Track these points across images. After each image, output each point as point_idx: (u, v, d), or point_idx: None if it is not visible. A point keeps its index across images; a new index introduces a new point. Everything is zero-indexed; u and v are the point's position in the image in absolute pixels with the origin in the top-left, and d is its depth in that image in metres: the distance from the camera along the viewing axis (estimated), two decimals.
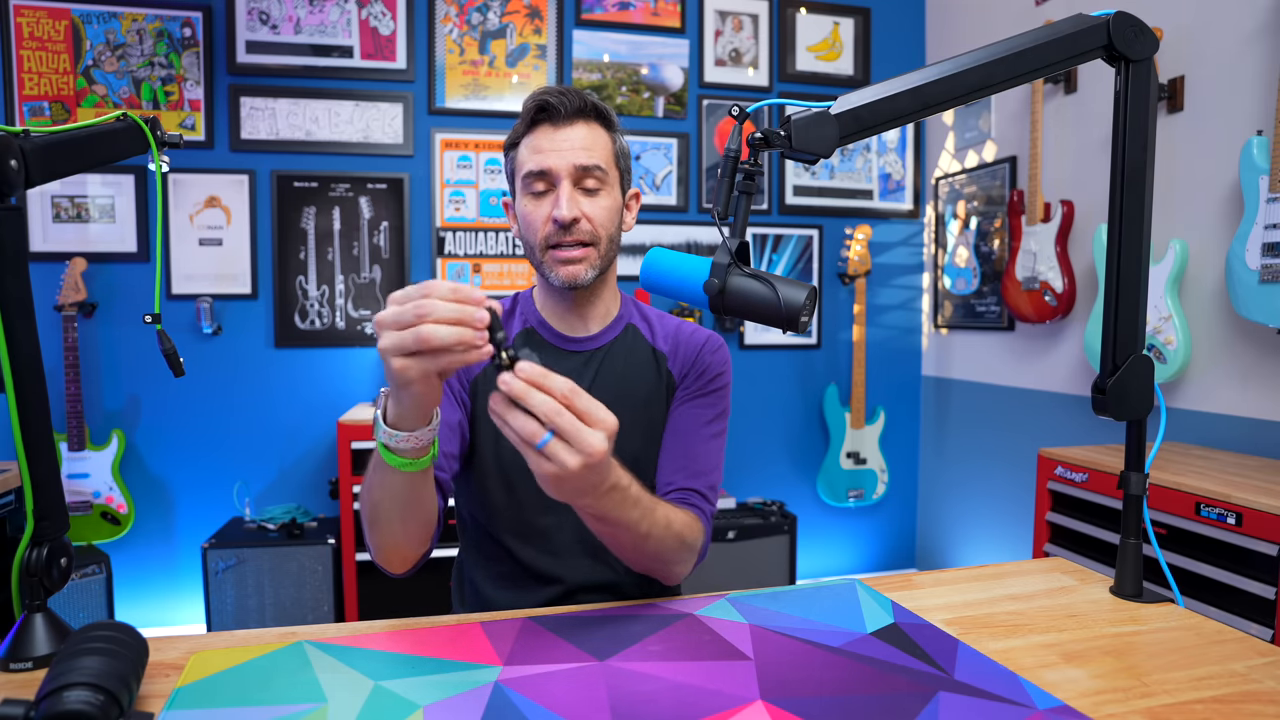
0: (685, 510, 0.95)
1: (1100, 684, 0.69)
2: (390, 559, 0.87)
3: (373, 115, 2.70)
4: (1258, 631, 1.38)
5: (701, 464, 1.03)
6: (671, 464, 1.03)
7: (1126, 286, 0.86)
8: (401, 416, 0.70)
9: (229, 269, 2.61)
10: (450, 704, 0.65)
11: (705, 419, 1.05)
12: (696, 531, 0.95)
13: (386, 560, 0.87)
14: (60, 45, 2.48)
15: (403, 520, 0.82)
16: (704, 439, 1.04)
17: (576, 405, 0.64)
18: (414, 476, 0.76)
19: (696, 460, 1.03)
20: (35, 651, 0.71)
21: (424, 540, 0.87)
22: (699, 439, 1.04)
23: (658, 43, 2.92)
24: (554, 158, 0.97)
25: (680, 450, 1.03)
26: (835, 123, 0.77)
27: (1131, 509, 0.90)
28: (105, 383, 2.54)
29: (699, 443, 1.04)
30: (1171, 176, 2.02)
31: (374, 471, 0.79)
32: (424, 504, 0.82)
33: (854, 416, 3.01)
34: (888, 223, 3.17)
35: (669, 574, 0.95)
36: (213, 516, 2.61)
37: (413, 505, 0.80)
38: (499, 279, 2.82)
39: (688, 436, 1.04)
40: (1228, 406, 1.91)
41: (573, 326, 1.07)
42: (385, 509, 0.81)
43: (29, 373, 0.72)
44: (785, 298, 0.76)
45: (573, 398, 0.64)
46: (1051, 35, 0.82)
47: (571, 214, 0.96)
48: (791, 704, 0.65)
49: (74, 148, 0.80)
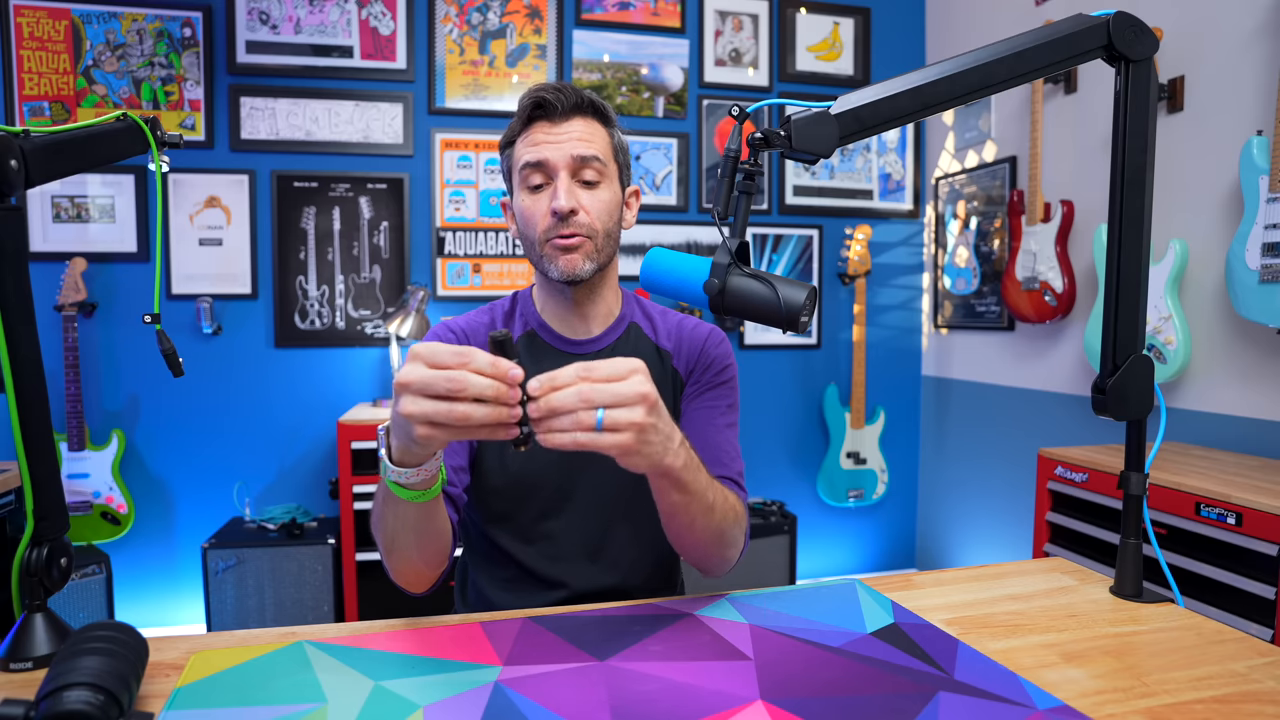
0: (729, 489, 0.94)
1: (1100, 684, 0.69)
2: (410, 582, 0.87)
3: (373, 115, 2.70)
4: (1258, 631, 1.38)
5: (726, 454, 1.03)
6: None
7: (1126, 286, 0.86)
8: (408, 456, 0.69)
9: (229, 269, 2.61)
10: (450, 704, 0.65)
11: (719, 411, 1.05)
12: (744, 508, 0.95)
13: (407, 583, 0.87)
14: (60, 45, 2.48)
15: (419, 547, 0.82)
16: (721, 430, 1.04)
17: (596, 376, 0.64)
18: (426, 505, 0.76)
19: (721, 451, 1.02)
20: (35, 651, 0.71)
21: (442, 560, 0.87)
22: (717, 430, 1.04)
23: (658, 43, 2.92)
24: (551, 149, 0.97)
25: (704, 444, 1.02)
26: (835, 123, 0.77)
27: (1131, 509, 0.90)
28: (105, 383, 2.54)
29: (717, 434, 1.04)
30: (1171, 176, 2.02)
31: (384, 504, 0.79)
32: (438, 527, 0.82)
33: (854, 416, 3.01)
34: (888, 223, 3.17)
35: (724, 557, 0.93)
36: (213, 516, 2.61)
37: (427, 532, 0.81)
38: (499, 279, 2.82)
39: (707, 430, 1.04)
40: (1228, 406, 1.91)
41: (574, 328, 1.06)
42: (401, 539, 0.81)
43: (29, 373, 0.72)
44: (785, 298, 0.76)
45: (588, 374, 0.64)
46: (1051, 35, 0.82)
47: (569, 204, 0.95)
48: (791, 704, 0.65)
49: (74, 148, 0.80)
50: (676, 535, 0.88)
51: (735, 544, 0.93)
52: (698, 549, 0.90)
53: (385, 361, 2.73)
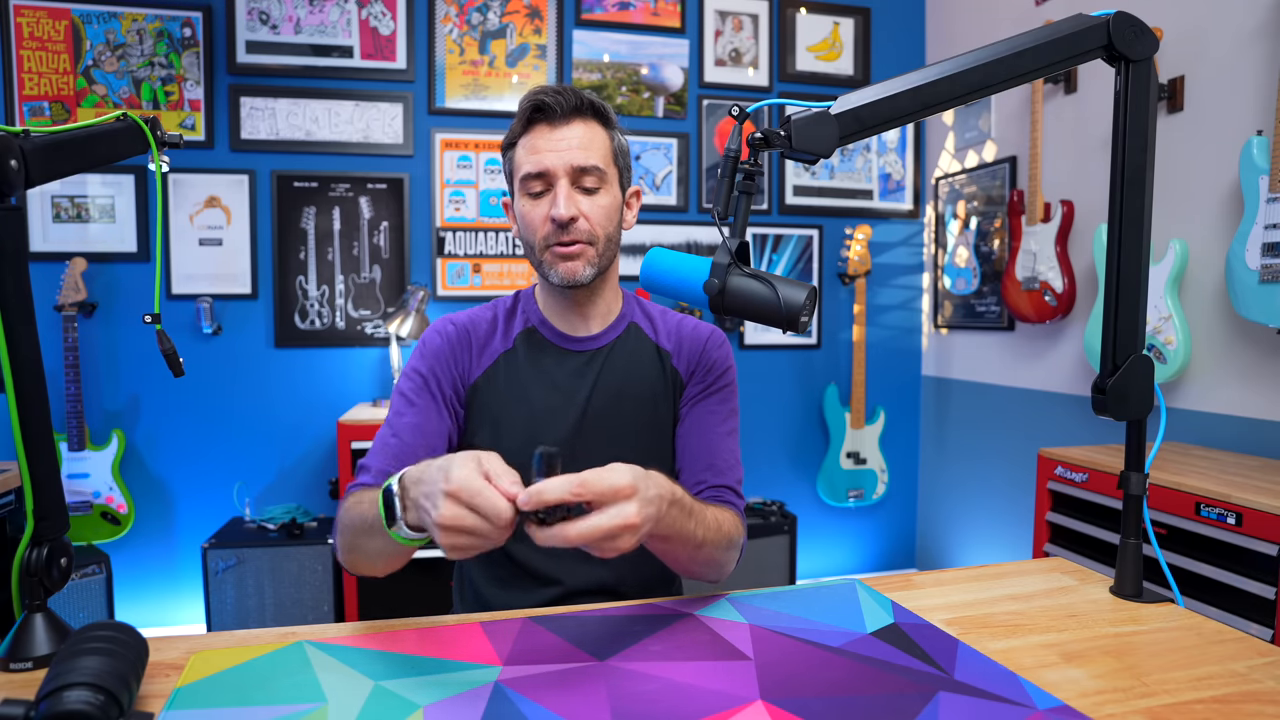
0: (724, 508, 0.96)
1: (1100, 684, 0.69)
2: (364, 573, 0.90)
3: (373, 115, 2.70)
4: (1258, 631, 1.38)
5: (725, 461, 1.04)
6: (697, 464, 1.03)
7: (1126, 286, 0.86)
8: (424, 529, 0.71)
9: (229, 269, 2.61)
10: (450, 704, 0.65)
11: (721, 416, 1.06)
12: (739, 529, 0.97)
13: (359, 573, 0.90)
14: (60, 45, 2.48)
15: (387, 564, 0.85)
16: (722, 436, 1.05)
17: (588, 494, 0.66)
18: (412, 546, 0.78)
19: (720, 457, 1.03)
20: (35, 651, 0.71)
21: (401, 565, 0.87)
22: (717, 438, 1.05)
23: (658, 43, 2.92)
24: (551, 158, 0.97)
25: (703, 450, 1.03)
26: (835, 123, 0.77)
27: (1131, 509, 0.90)
28: (105, 383, 2.54)
29: (718, 440, 1.04)
30: (1171, 176, 2.02)
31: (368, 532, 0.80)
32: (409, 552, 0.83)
33: (854, 416, 3.01)
34: (888, 223, 3.17)
35: (719, 574, 0.96)
36: (213, 516, 2.61)
37: (402, 554, 0.82)
38: (499, 279, 2.82)
39: (707, 437, 1.04)
40: (1228, 406, 1.91)
41: (574, 326, 1.06)
42: (369, 555, 0.84)
43: (29, 373, 0.72)
44: (785, 298, 0.76)
45: (582, 489, 0.66)
46: (1051, 35, 0.82)
47: (569, 213, 0.96)
48: (791, 704, 0.65)
49: (74, 148, 0.80)
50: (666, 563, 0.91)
51: (728, 563, 0.96)
52: (688, 574, 0.94)
53: (385, 361, 2.73)
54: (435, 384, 1.01)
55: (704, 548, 0.86)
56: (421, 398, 1.00)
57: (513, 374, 1.05)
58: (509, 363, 1.05)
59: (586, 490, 0.66)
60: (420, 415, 0.99)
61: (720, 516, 0.90)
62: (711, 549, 0.88)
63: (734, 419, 1.08)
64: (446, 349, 1.04)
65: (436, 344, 1.04)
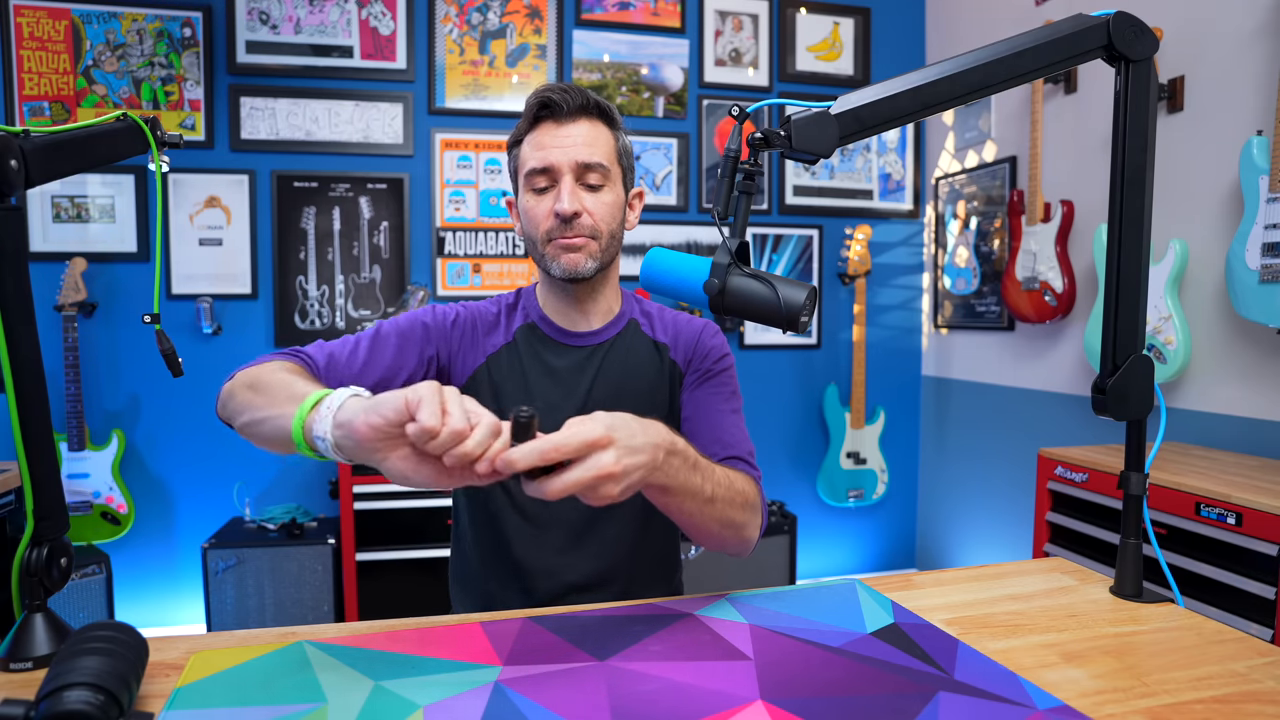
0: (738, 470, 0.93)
1: (1100, 684, 0.69)
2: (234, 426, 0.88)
3: (373, 115, 2.70)
4: (1258, 631, 1.38)
5: (733, 435, 1.02)
6: (704, 446, 1.01)
7: (1126, 286, 0.86)
8: (350, 453, 0.67)
9: (229, 269, 2.61)
10: (450, 704, 0.65)
11: (723, 397, 1.06)
12: (755, 490, 0.94)
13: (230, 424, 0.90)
14: (60, 45, 2.48)
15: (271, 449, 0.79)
16: (726, 414, 1.04)
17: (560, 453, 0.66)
18: None
19: (727, 434, 1.02)
20: (35, 651, 0.71)
21: None
22: (721, 415, 1.04)
23: (658, 43, 2.92)
24: (556, 154, 0.98)
25: (708, 430, 1.03)
26: (835, 123, 0.77)
27: (1131, 509, 0.90)
28: (105, 383, 2.54)
29: (723, 418, 1.04)
30: (1171, 176, 2.02)
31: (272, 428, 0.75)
32: None
33: (854, 416, 3.01)
34: (888, 223, 3.17)
35: (740, 539, 0.92)
36: (213, 516, 2.61)
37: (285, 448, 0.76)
38: (499, 279, 2.82)
39: (712, 416, 1.04)
40: (1228, 406, 1.91)
41: (574, 321, 1.07)
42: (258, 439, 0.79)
43: (29, 373, 0.72)
44: (785, 298, 0.76)
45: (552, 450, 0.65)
46: (1051, 35, 0.82)
47: (573, 207, 0.97)
48: (791, 704, 0.65)
49: (74, 148, 0.80)
50: (682, 528, 0.89)
51: (747, 525, 0.91)
52: (704, 538, 0.90)
53: None
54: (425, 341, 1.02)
55: (715, 503, 0.83)
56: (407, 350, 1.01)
57: (513, 366, 1.05)
58: (509, 355, 1.06)
59: (559, 453, 0.65)
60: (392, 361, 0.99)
61: (732, 475, 0.88)
62: (724, 505, 0.85)
63: (737, 400, 1.08)
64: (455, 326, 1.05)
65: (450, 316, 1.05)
